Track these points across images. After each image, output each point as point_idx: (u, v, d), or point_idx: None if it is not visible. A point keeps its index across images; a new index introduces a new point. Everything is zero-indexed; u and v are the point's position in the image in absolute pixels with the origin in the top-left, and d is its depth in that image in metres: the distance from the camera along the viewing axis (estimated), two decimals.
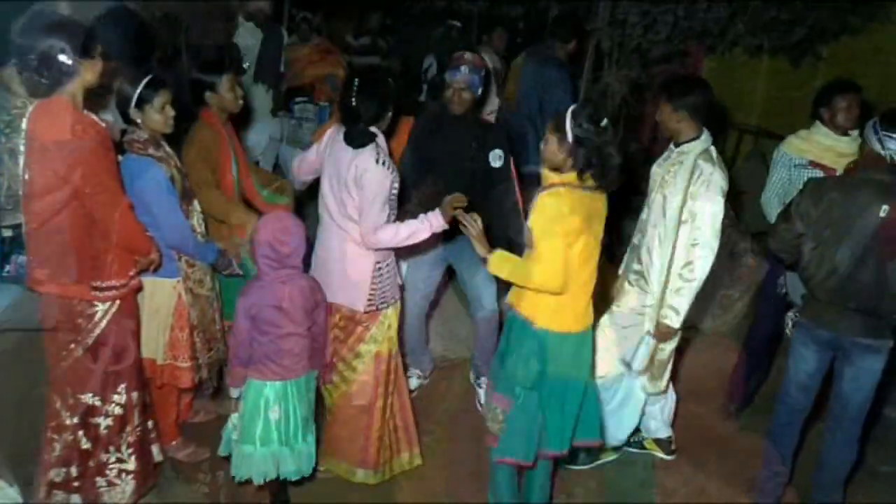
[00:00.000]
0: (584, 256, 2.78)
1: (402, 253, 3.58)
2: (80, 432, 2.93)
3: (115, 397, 2.95)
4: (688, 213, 3.22)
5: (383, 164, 3.07)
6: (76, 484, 2.96)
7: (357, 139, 3.10)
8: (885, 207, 2.91)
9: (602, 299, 3.33)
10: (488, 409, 2.92)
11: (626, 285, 3.48)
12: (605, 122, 2.72)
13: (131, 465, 3.04)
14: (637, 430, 3.81)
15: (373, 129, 3.13)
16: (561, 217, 2.70)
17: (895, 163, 2.96)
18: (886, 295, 2.97)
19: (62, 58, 2.62)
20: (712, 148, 3.30)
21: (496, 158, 3.67)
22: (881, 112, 3.07)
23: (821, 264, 3.05)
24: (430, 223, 3.13)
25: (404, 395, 3.51)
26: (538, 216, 2.75)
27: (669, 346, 3.45)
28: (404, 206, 3.43)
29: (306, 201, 4.04)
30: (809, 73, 6.50)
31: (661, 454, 3.82)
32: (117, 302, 2.87)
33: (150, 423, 3.17)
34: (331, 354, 3.27)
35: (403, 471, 3.53)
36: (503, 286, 3.28)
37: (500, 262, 2.86)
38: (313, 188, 3.40)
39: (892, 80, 6.19)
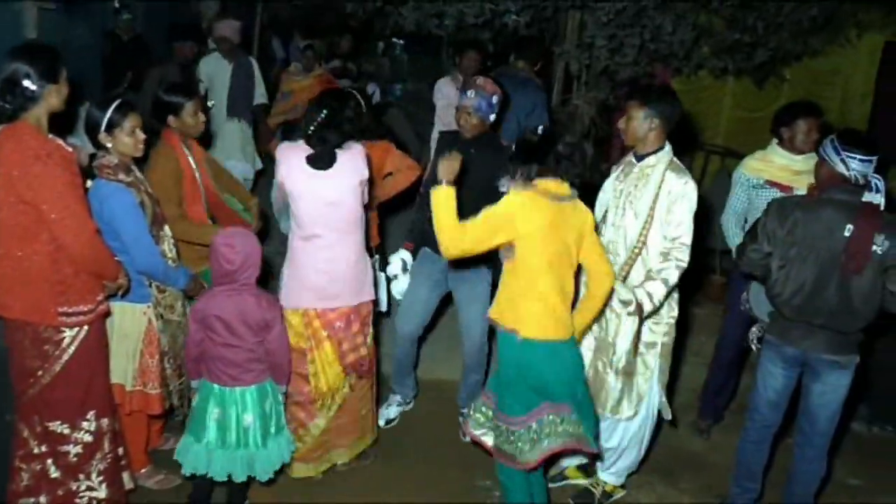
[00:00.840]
0: (550, 262, 2.82)
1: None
2: (49, 461, 2.89)
3: (85, 424, 2.91)
4: (659, 226, 3.18)
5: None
6: None
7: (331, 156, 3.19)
8: (849, 227, 2.95)
9: None
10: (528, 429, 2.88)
11: (609, 313, 3.28)
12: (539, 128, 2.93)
13: (102, 493, 2.99)
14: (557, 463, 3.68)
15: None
16: (508, 215, 2.78)
17: (859, 182, 2.99)
18: (851, 312, 3.02)
19: (26, 83, 2.61)
20: (675, 158, 3.26)
21: None
22: (838, 132, 3.10)
23: (787, 282, 3.08)
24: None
25: None
26: (494, 207, 2.82)
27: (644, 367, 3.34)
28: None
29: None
30: (773, 95, 6.66)
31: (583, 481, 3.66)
32: (85, 327, 2.84)
33: (120, 450, 3.12)
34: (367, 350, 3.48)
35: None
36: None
37: (444, 199, 2.83)
38: None
39: (851, 101, 6.39)
